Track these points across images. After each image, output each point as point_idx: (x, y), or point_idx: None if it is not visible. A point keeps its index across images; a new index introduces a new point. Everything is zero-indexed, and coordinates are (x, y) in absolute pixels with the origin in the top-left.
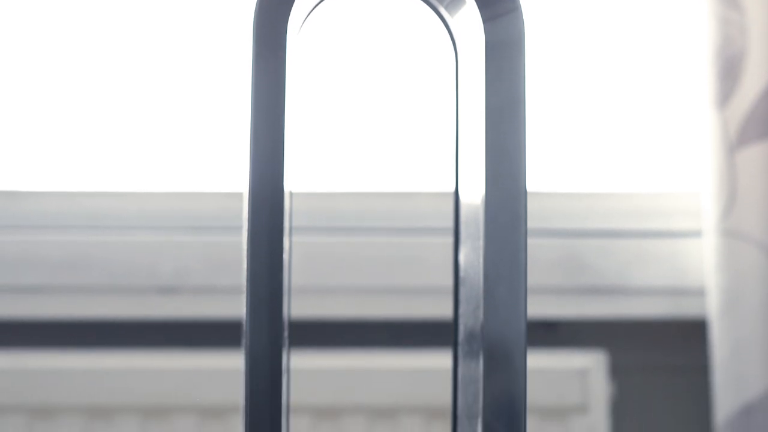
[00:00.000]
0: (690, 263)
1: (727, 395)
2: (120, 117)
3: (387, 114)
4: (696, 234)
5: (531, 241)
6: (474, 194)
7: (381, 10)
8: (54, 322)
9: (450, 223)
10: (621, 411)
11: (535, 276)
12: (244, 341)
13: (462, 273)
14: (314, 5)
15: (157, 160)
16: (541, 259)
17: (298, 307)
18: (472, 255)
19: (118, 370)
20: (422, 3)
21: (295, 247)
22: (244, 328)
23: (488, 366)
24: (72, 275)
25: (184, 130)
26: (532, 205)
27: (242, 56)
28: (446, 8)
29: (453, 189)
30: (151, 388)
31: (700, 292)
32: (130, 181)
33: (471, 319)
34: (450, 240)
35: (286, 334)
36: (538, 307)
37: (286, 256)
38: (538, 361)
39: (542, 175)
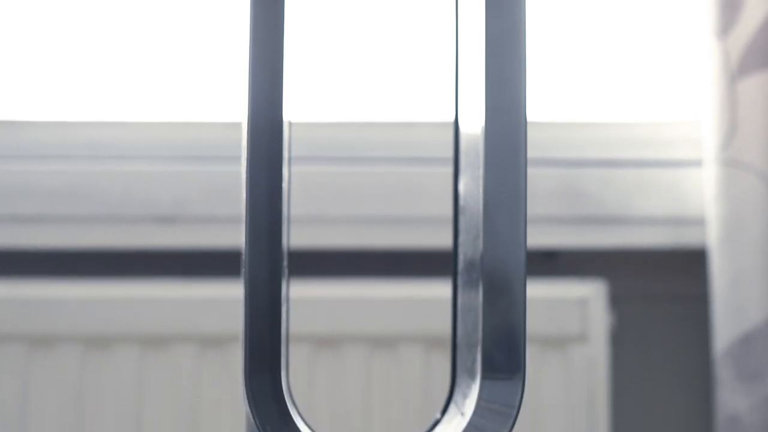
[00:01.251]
0: (690, 193)
1: (726, 324)
2: (120, 47)
3: (387, 44)
4: (696, 163)
5: (531, 171)
6: (474, 124)
7: None
8: (52, 252)
9: (450, 153)
10: (620, 340)
11: (535, 205)
12: (243, 271)
13: (461, 202)
14: None
15: (157, 90)
16: (541, 189)
17: (297, 236)
18: (471, 184)
19: (117, 299)
20: None
21: (294, 177)
22: (244, 257)
23: (488, 295)
24: (71, 205)
25: (183, 59)
26: (532, 135)
27: None
28: None
29: (453, 119)
30: (150, 317)
31: (700, 222)
32: (129, 111)
33: (470, 248)
34: (450, 170)
35: (285, 263)
36: (538, 237)
37: (285, 185)
38: (538, 291)
39: (542, 104)
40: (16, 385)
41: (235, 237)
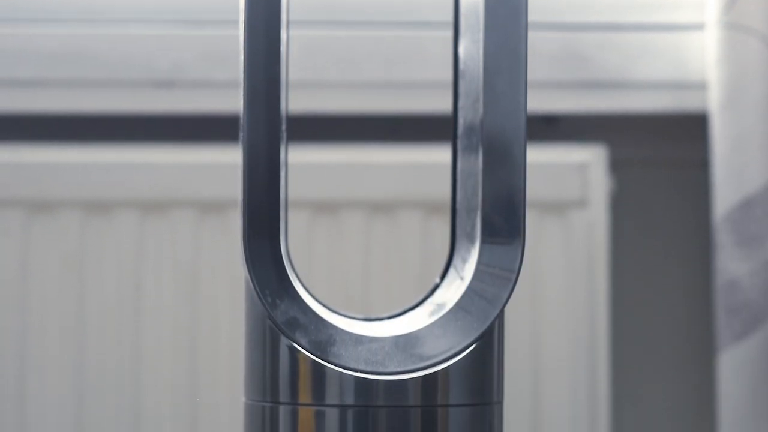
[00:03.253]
0: (692, 57)
1: (726, 189)
2: None
3: None
4: (698, 27)
5: (531, 35)
6: None
7: None
8: (51, 116)
9: (450, 16)
10: (620, 205)
11: (535, 70)
12: (241, 135)
13: (461, 66)
14: None
15: None
16: (542, 53)
17: (296, 101)
18: (471, 47)
19: (116, 164)
20: None
21: (292, 41)
22: (242, 122)
23: (487, 160)
24: (69, 69)
25: None
26: None
27: None
28: None
29: None
30: (149, 183)
31: (701, 86)
32: None
33: (470, 112)
34: (449, 33)
35: (283, 128)
36: (538, 101)
37: (283, 49)
38: (538, 155)
39: None
40: (15, 250)
41: (233, 101)
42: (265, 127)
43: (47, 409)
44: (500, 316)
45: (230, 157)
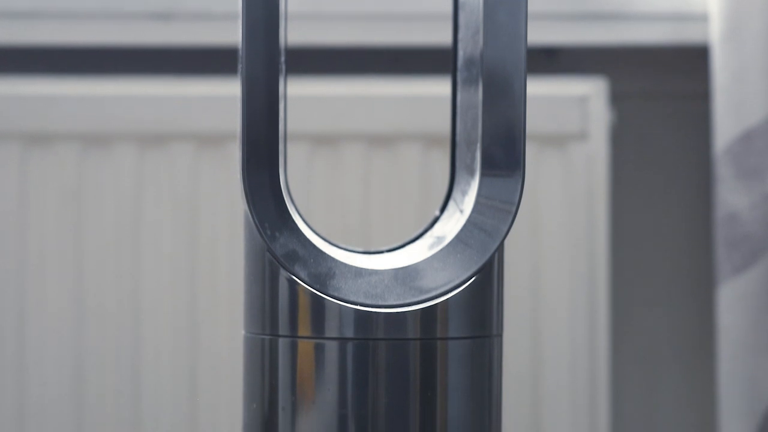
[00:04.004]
0: None
1: (727, 122)
2: None
3: None
4: None
5: None
6: None
7: None
8: (49, 48)
9: None
10: (621, 138)
11: (535, 1)
12: (240, 67)
13: None
14: None
15: None
16: None
17: (295, 33)
18: None
19: (114, 97)
20: None
21: None
22: (241, 54)
23: (487, 92)
24: (67, 0)
25: None
26: None
27: None
28: None
29: None
30: (148, 115)
31: (702, 18)
32: None
33: (470, 44)
34: None
35: (282, 60)
36: (539, 33)
37: None
38: (538, 88)
39: None
40: (14, 184)
41: (232, 34)
42: (263, 59)
43: (46, 341)
44: (500, 248)
45: (229, 90)
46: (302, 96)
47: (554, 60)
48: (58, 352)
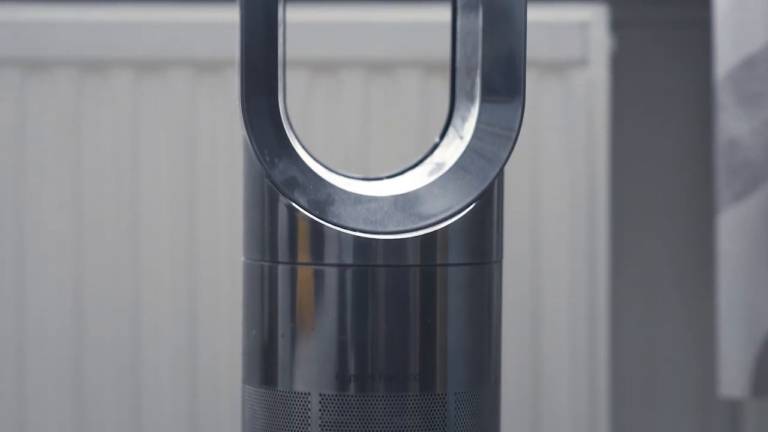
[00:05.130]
0: None
1: (728, 48)
2: None
3: None
4: None
5: None
6: None
7: None
8: None
9: None
10: (621, 65)
11: None
12: None
13: None
14: None
15: None
16: None
17: None
18: None
19: (112, 23)
20: None
21: None
22: None
23: (487, 18)
24: None
25: None
26: None
27: None
28: None
29: None
30: (146, 41)
31: None
32: None
33: None
34: None
35: None
36: None
37: None
38: (538, 14)
39: None
40: (11, 111)
41: None
42: None
43: (45, 268)
44: (500, 175)
45: (228, 16)
46: (302, 22)
47: None
48: (57, 278)
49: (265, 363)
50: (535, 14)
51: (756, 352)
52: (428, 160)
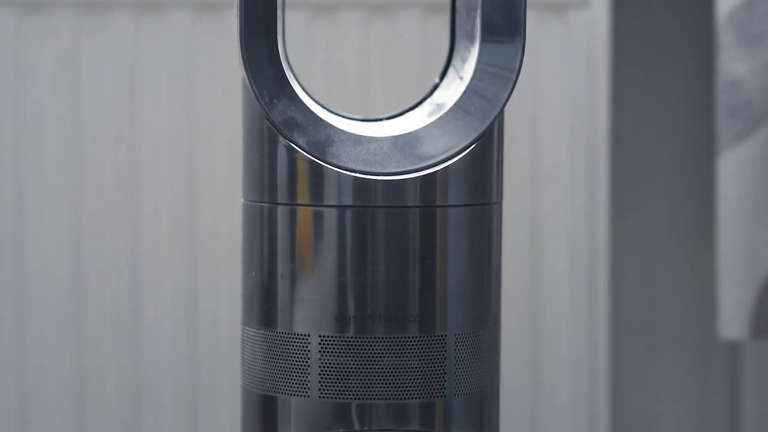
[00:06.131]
0: None
1: None
2: None
3: None
4: None
5: None
6: None
7: None
8: None
9: None
10: (622, 5)
11: None
12: None
13: None
14: None
15: None
16: None
17: None
18: None
19: None
20: None
21: None
22: None
23: None
24: None
25: None
26: None
27: None
28: None
29: None
30: None
31: None
32: None
33: None
34: None
35: None
36: None
37: None
38: None
39: None
40: (9, 52)
41: None
42: None
43: (44, 210)
44: (500, 115)
45: None
46: None
47: None
48: (56, 219)
49: (264, 304)
50: None
51: (756, 294)
52: (428, 100)
